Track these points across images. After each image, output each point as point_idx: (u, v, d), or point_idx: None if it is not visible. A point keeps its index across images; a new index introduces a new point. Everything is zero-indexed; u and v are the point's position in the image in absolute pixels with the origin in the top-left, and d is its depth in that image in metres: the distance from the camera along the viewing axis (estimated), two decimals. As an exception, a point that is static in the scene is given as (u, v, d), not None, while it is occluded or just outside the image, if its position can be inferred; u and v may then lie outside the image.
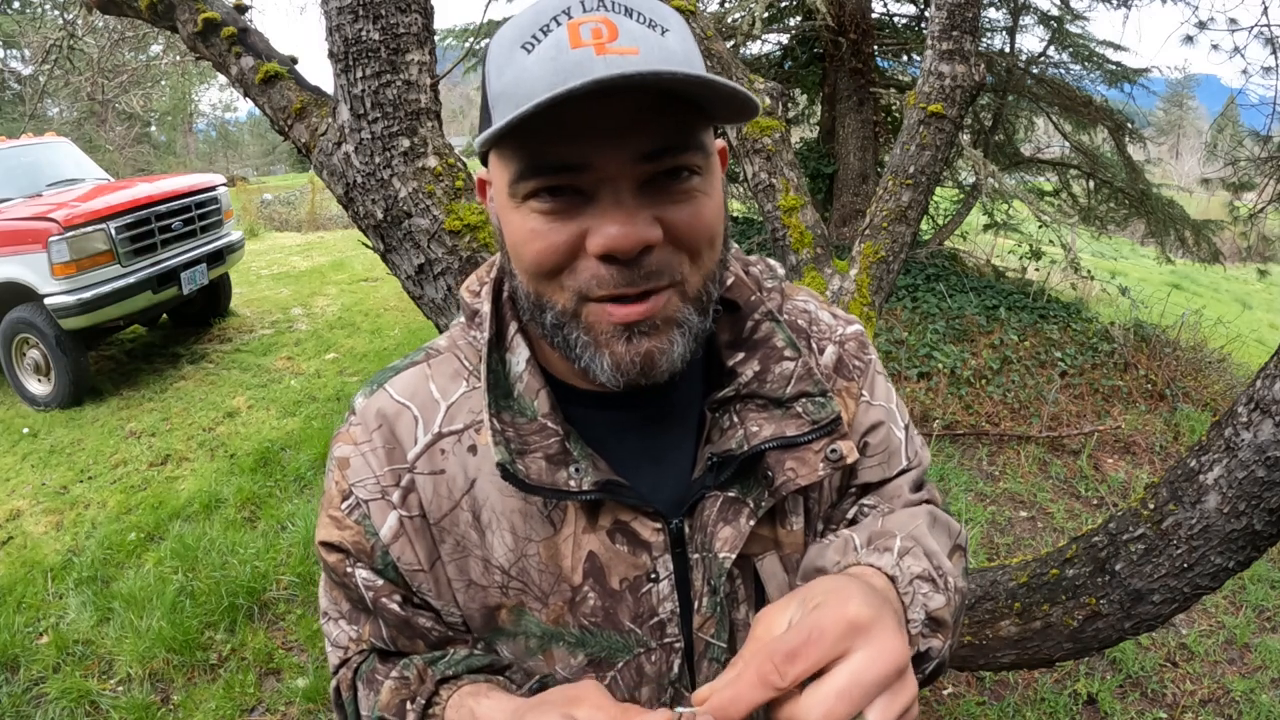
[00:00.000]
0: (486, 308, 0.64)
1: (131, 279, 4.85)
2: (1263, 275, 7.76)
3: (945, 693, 2.45)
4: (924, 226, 6.64)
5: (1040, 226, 6.22)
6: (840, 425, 0.63)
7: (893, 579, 0.56)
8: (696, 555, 0.63)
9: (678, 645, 0.64)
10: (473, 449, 0.63)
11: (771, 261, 0.74)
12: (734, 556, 0.62)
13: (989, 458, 4.06)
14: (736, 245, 0.69)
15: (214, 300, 6.16)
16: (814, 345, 0.71)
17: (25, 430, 4.58)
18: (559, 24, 0.50)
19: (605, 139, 0.50)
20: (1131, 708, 2.42)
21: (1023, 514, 3.56)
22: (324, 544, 0.66)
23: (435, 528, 0.63)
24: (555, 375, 0.64)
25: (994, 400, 4.56)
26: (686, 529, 0.63)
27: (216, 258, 5.62)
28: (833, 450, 0.63)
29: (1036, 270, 6.72)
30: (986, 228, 7.25)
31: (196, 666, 2.58)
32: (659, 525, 0.62)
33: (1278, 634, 2.80)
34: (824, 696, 0.41)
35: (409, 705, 0.63)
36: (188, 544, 3.17)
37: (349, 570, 0.65)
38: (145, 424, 4.51)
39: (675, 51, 0.51)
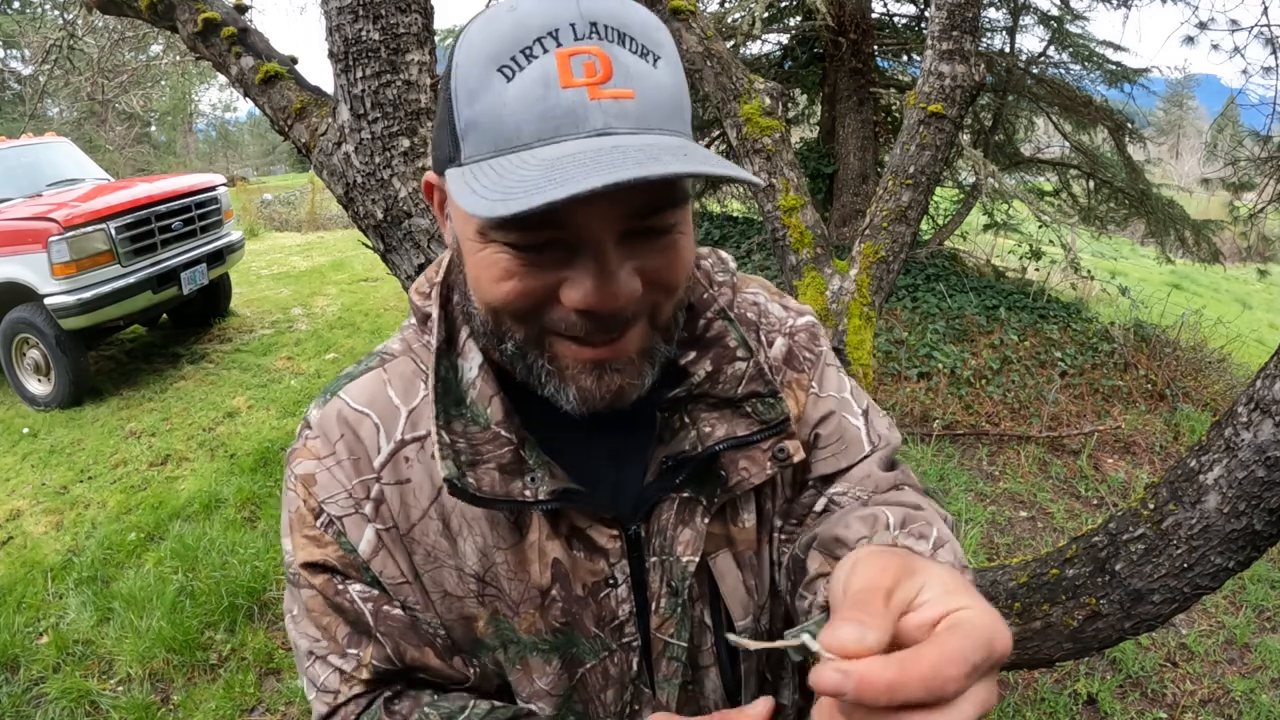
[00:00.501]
0: (434, 311, 0.61)
1: (131, 279, 4.85)
2: (1263, 275, 7.75)
3: (945, 693, 2.45)
4: (924, 226, 6.64)
5: (1040, 226, 6.22)
6: (788, 425, 0.63)
7: None
8: (655, 559, 0.63)
9: (635, 644, 0.64)
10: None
11: (723, 254, 0.73)
12: (697, 560, 0.62)
13: (989, 458, 4.06)
14: None
15: (214, 300, 6.16)
16: (763, 338, 0.70)
17: (25, 430, 4.58)
18: (545, 50, 0.46)
19: (593, 203, 0.45)
20: (1131, 708, 2.42)
21: (1023, 514, 3.56)
22: (307, 566, 0.61)
23: (405, 539, 0.61)
24: (512, 378, 0.60)
25: (994, 400, 4.56)
26: (643, 532, 0.62)
27: (216, 258, 5.62)
28: (780, 449, 0.63)
29: (1036, 270, 6.72)
30: (986, 228, 7.25)
31: (196, 666, 2.58)
32: (615, 532, 0.61)
33: (1278, 634, 2.80)
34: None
35: None
36: (188, 544, 3.17)
37: (340, 588, 0.61)
38: (145, 424, 4.51)
39: (667, 87, 0.49)
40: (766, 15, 6.08)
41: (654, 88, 0.48)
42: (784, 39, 7.39)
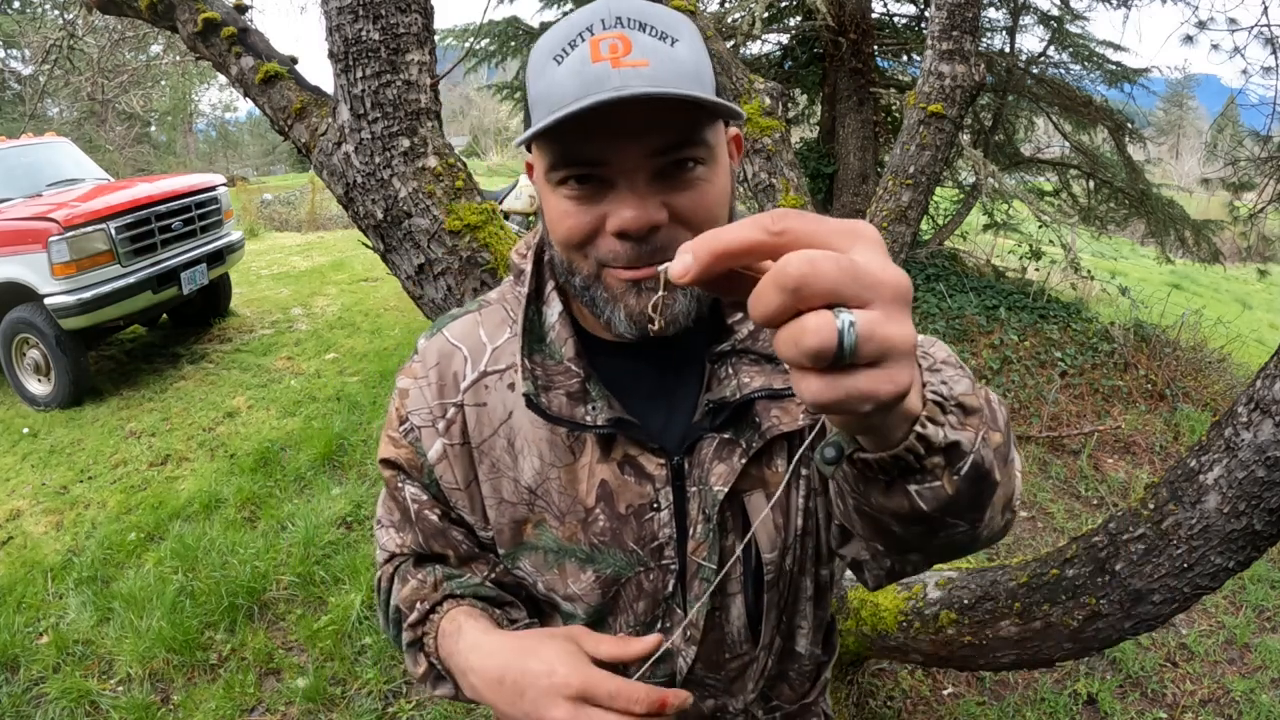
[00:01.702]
0: (528, 267, 0.75)
1: (131, 279, 4.85)
2: (1263, 275, 7.75)
3: (945, 693, 2.45)
4: (924, 226, 6.64)
5: (1040, 226, 6.22)
6: None
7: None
8: (694, 489, 0.72)
9: (673, 567, 0.73)
10: (511, 386, 0.74)
11: None
12: (726, 490, 0.70)
13: (989, 458, 4.05)
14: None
15: (214, 300, 6.15)
16: None
17: (25, 430, 4.58)
18: (583, 40, 0.59)
19: (622, 139, 0.59)
20: (1131, 708, 2.42)
21: (1023, 514, 3.56)
22: (383, 461, 0.79)
23: (476, 450, 0.75)
24: (585, 328, 0.74)
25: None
26: (686, 465, 0.72)
27: (216, 258, 5.62)
28: None
29: (1036, 270, 6.72)
30: (986, 228, 7.25)
31: (196, 666, 2.58)
32: (662, 460, 0.71)
33: (1278, 634, 2.80)
34: (810, 254, 0.34)
35: (418, 604, 0.76)
36: (188, 544, 3.17)
37: (400, 485, 0.78)
38: (145, 424, 4.51)
39: (684, 60, 0.59)
40: (766, 15, 6.08)
41: (668, 59, 0.59)
42: (784, 39, 7.38)
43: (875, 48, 6.84)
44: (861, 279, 0.34)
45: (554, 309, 0.73)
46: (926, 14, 4.90)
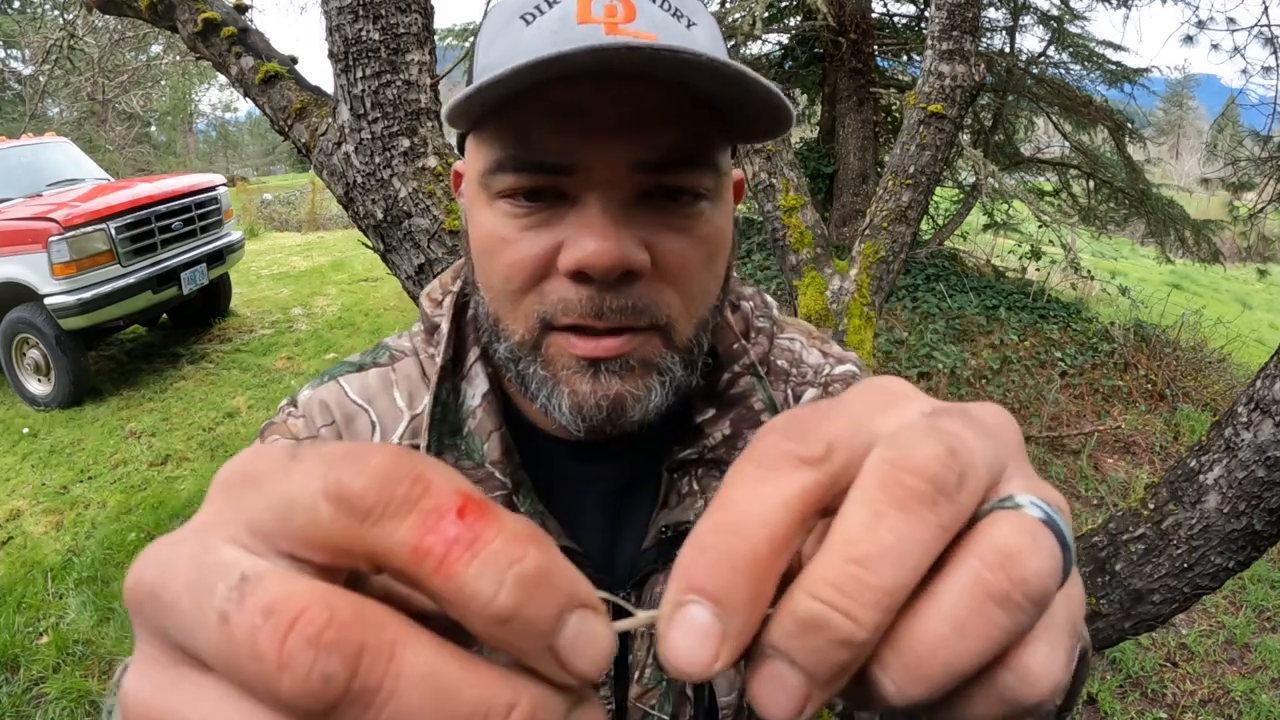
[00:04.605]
0: (444, 323, 0.57)
1: (131, 279, 4.85)
2: (1263, 275, 7.75)
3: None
4: (924, 226, 6.64)
5: (1040, 226, 6.22)
6: None
7: None
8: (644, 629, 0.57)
9: (608, 707, 0.58)
10: None
11: (768, 297, 0.66)
12: None
13: (989, 458, 4.05)
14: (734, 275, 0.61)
15: (214, 300, 6.15)
16: (791, 392, 0.62)
17: (25, 430, 4.58)
18: None
19: (599, 134, 0.42)
20: (1131, 708, 2.42)
21: (1023, 514, 3.56)
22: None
23: None
24: (521, 413, 0.56)
25: (994, 400, 4.55)
26: (633, 600, 0.55)
27: (216, 258, 5.62)
28: None
29: (1036, 270, 6.72)
30: (986, 228, 7.25)
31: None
32: (604, 595, 0.54)
33: (1278, 634, 2.80)
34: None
35: None
36: (188, 544, 3.17)
37: None
38: (145, 424, 4.51)
39: (699, 43, 0.45)
40: (766, 15, 6.08)
41: (683, 40, 0.43)
42: (784, 39, 7.38)
43: (875, 48, 6.84)
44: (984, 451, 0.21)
45: (477, 389, 0.55)
46: (926, 14, 4.90)
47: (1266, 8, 5.42)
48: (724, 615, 0.19)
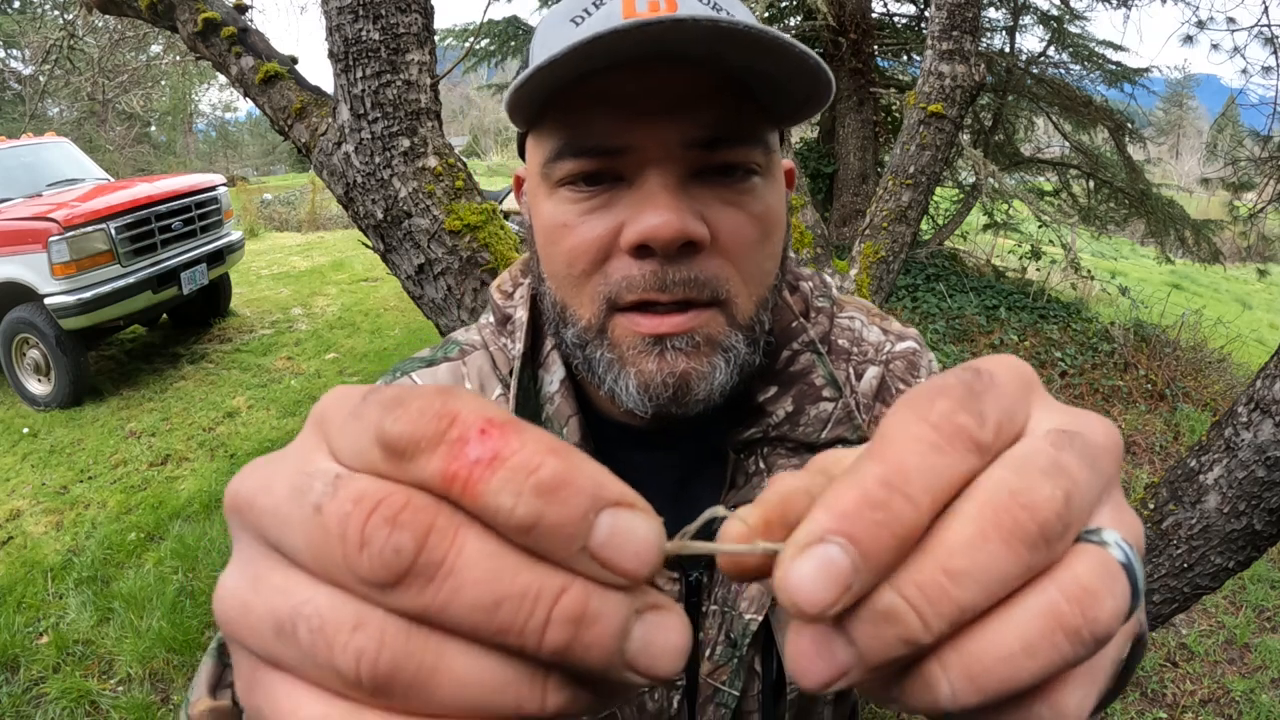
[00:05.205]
0: (522, 315, 0.58)
1: (131, 279, 4.85)
2: (1263, 275, 7.75)
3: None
4: (924, 226, 6.63)
5: (1040, 226, 6.22)
6: None
7: None
8: (715, 607, 0.59)
9: (679, 683, 0.61)
10: None
11: (827, 277, 0.66)
12: (760, 619, 0.56)
13: (989, 458, 4.05)
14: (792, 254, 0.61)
15: (214, 300, 6.15)
16: (853, 371, 0.62)
17: (25, 430, 4.58)
18: None
19: (648, 116, 0.45)
20: (1131, 708, 2.42)
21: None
22: None
23: None
24: (591, 401, 0.58)
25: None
26: (705, 579, 0.58)
27: (216, 258, 5.62)
28: None
29: (1036, 270, 6.72)
30: (986, 228, 7.25)
31: (196, 666, 2.58)
32: (675, 575, 0.58)
33: (1278, 634, 2.80)
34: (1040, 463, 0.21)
35: None
36: (188, 544, 3.17)
37: None
38: (145, 424, 4.51)
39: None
40: (766, 15, 6.07)
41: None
42: (784, 39, 7.38)
43: (875, 48, 6.85)
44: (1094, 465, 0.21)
45: (554, 375, 0.57)
46: (926, 14, 4.90)
47: (1266, 8, 5.42)
48: (863, 570, 0.19)
